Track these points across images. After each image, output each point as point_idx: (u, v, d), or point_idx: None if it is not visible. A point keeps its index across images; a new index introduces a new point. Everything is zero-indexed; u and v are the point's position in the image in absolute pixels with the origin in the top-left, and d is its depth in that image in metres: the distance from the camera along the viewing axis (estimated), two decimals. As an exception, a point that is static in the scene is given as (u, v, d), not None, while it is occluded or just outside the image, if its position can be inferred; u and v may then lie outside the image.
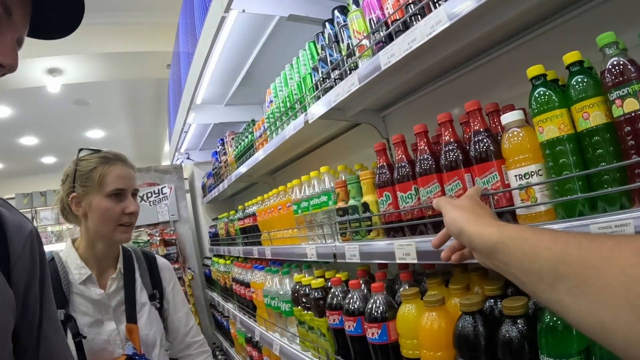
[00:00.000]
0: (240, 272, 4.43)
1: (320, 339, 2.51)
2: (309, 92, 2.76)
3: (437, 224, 1.73)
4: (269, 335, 3.38)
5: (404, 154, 1.91)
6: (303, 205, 2.76)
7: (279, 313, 3.18)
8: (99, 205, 2.27)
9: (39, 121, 12.08)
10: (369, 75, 1.98)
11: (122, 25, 8.71)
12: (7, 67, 1.04)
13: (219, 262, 5.55)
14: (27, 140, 13.56)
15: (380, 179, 2.01)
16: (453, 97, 2.37)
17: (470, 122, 1.63)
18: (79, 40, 8.28)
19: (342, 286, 2.32)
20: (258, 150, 3.74)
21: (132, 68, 9.44)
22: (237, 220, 4.51)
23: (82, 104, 11.42)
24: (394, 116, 2.81)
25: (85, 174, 2.34)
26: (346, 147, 3.50)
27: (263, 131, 3.71)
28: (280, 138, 3.09)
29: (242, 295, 4.25)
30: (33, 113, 11.46)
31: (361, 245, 2.10)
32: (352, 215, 2.22)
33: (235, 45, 4.03)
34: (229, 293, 5.06)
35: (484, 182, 1.61)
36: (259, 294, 3.54)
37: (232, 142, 4.98)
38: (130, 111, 12.59)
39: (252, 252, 3.87)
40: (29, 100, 10.53)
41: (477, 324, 1.49)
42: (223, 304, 5.31)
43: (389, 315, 1.92)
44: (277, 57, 4.04)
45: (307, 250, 2.64)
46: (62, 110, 11.45)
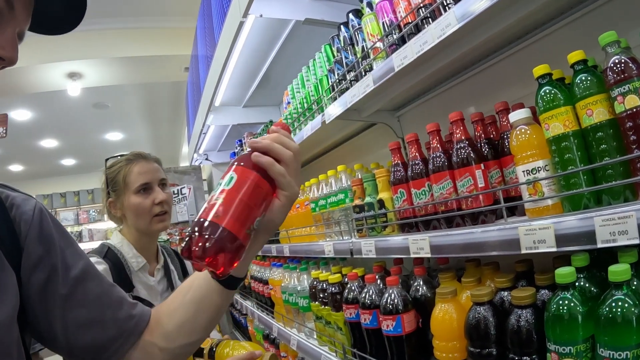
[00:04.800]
0: (258, 270, 4.50)
1: (337, 333, 2.57)
2: (325, 94, 2.82)
3: (450, 219, 1.79)
4: (286, 331, 3.43)
5: (418, 152, 1.97)
6: (320, 204, 2.82)
7: (297, 309, 3.24)
8: (130, 203, 2.44)
9: (59, 124, 12.18)
10: (383, 76, 2.04)
11: (141, 29, 8.80)
12: (6, 61, 1.04)
13: (238, 261, 5.54)
14: (47, 143, 13.63)
15: (395, 177, 2.08)
16: (465, 96, 2.44)
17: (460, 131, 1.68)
18: (98, 44, 8.44)
19: (359, 281, 2.39)
20: (276, 151, 3.75)
21: (150, 71, 9.51)
22: (256, 218, 4.52)
23: (101, 107, 11.50)
24: (408, 116, 2.87)
25: (113, 179, 2.54)
26: (362, 147, 3.56)
27: (281, 132, 3.71)
28: (298, 138, 3.15)
29: (260, 292, 4.30)
30: (53, 116, 11.56)
31: (377, 240, 2.16)
32: (368, 212, 2.28)
33: (252, 48, 4.08)
34: (247, 291, 5.11)
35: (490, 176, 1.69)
36: (277, 290, 3.60)
37: (251, 143, 4.97)
38: (148, 114, 12.63)
39: (271, 250, 3.92)
40: (50, 104, 10.64)
41: (487, 314, 1.55)
42: (241, 301, 5.36)
43: (403, 308, 1.98)
44: (293, 59, 4.09)
45: (324, 247, 2.70)
46: (82, 113, 11.52)
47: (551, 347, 1.33)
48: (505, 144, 1.78)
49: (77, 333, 1.21)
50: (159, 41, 8.91)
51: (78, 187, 15.89)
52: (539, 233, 1.31)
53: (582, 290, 1.36)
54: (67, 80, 9.40)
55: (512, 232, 1.41)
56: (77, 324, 1.21)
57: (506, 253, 1.44)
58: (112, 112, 11.90)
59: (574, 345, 1.28)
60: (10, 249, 1.15)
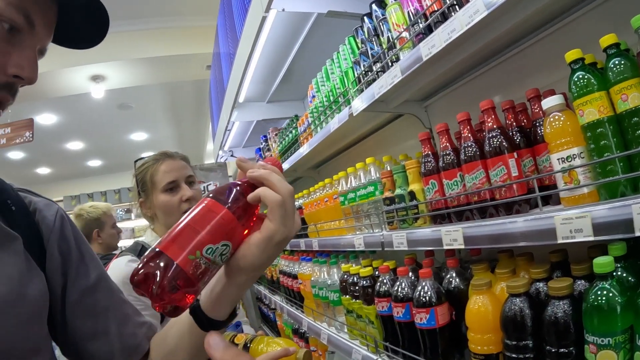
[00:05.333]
0: (287, 265, 4.49)
1: (369, 326, 2.56)
2: (352, 86, 2.80)
3: (484, 209, 1.76)
4: (316, 325, 3.43)
5: (449, 142, 1.95)
6: (350, 197, 2.80)
7: (327, 303, 3.23)
8: (158, 202, 2.48)
9: (84, 126, 12.41)
10: (411, 66, 2.01)
11: (161, 29, 8.89)
12: (26, 80, 1.05)
13: (265, 256, 5.54)
14: (73, 145, 13.92)
15: (426, 168, 2.05)
16: (491, 85, 2.40)
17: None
18: (120, 46, 8.57)
19: (390, 274, 2.37)
20: (302, 145, 3.79)
21: (173, 71, 9.60)
22: (284, 214, 4.51)
23: (125, 108, 11.70)
24: (436, 106, 2.84)
25: (142, 180, 2.61)
26: (389, 139, 3.54)
27: (307, 125, 3.75)
28: (325, 131, 3.14)
29: (290, 287, 4.31)
30: (78, 119, 11.79)
31: (408, 233, 2.13)
32: (399, 204, 2.25)
33: (275, 43, 4.07)
34: (276, 285, 5.12)
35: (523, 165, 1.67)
36: (307, 284, 3.59)
37: (276, 138, 5.03)
38: (172, 113, 12.78)
39: (299, 245, 3.92)
40: (74, 107, 10.84)
41: (524, 306, 1.53)
42: (270, 296, 5.37)
43: (436, 301, 1.96)
44: (316, 53, 4.07)
45: (354, 240, 2.68)
46: (106, 114, 11.73)
47: (589, 339, 1.31)
48: (538, 132, 1.75)
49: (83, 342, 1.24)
50: (180, 41, 8.99)
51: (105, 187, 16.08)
52: (576, 222, 1.28)
53: (619, 280, 1.33)
54: (91, 83, 9.55)
55: (548, 222, 1.38)
56: (83, 334, 1.24)
57: (542, 243, 1.41)
58: (136, 112, 12.10)
59: (613, 336, 1.26)
60: (37, 251, 1.18)
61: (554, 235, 1.36)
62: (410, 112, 2.90)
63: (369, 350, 2.56)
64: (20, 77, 1.03)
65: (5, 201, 1.17)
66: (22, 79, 1.04)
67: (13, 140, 9.01)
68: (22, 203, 1.22)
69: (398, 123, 3.31)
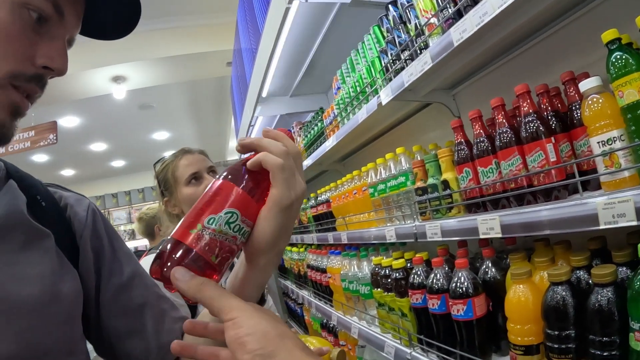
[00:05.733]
0: (315, 259, 4.46)
1: (402, 319, 2.52)
2: (379, 75, 2.76)
3: (521, 196, 1.72)
4: (346, 319, 3.40)
5: (482, 129, 1.90)
6: (380, 188, 2.76)
7: (358, 296, 3.20)
8: (183, 196, 2.50)
9: (106, 127, 12.67)
10: (442, 52, 1.97)
11: (180, 28, 8.97)
12: (56, 71, 1.02)
13: (291, 251, 5.60)
14: (96, 147, 14.23)
15: (460, 156, 2.00)
16: (521, 70, 2.35)
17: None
18: (140, 46, 8.71)
19: (423, 265, 2.33)
20: (329, 138, 3.76)
21: (193, 69, 9.70)
22: (310, 208, 4.54)
23: (146, 108, 11.90)
24: (464, 94, 2.79)
25: (163, 179, 2.64)
26: (416, 129, 3.49)
27: (333, 118, 3.71)
28: (353, 123, 3.10)
29: (318, 281, 4.28)
30: (100, 120, 12.05)
31: (443, 223, 2.09)
32: (432, 194, 2.21)
33: (297, 36, 4.04)
34: (303, 280, 5.11)
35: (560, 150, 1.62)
36: (336, 278, 3.57)
37: (300, 132, 5.01)
38: (193, 111, 12.93)
39: (327, 239, 3.89)
40: (96, 108, 11.08)
41: (566, 294, 1.49)
42: (297, 291, 5.35)
43: (473, 291, 1.93)
44: (339, 44, 4.03)
45: (385, 232, 2.65)
46: (128, 115, 11.96)
47: (635, 326, 1.26)
48: (575, 116, 1.70)
49: (118, 341, 1.22)
50: (200, 38, 9.06)
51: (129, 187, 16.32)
52: (618, 206, 1.24)
53: (665, 265, 1.29)
54: (112, 84, 9.71)
55: (589, 207, 1.33)
56: (118, 332, 1.22)
57: (583, 230, 1.37)
58: (157, 112, 12.30)
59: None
60: (70, 248, 1.16)
61: (595, 221, 1.31)
62: (439, 100, 2.85)
63: (402, 344, 2.54)
64: (50, 68, 1.00)
65: (35, 197, 1.14)
66: (52, 70, 1.01)
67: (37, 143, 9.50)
68: (52, 198, 1.19)
69: (425, 113, 3.26)
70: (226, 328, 0.77)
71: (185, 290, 0.80)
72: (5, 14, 0.91)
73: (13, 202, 1.05)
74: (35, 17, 0.95)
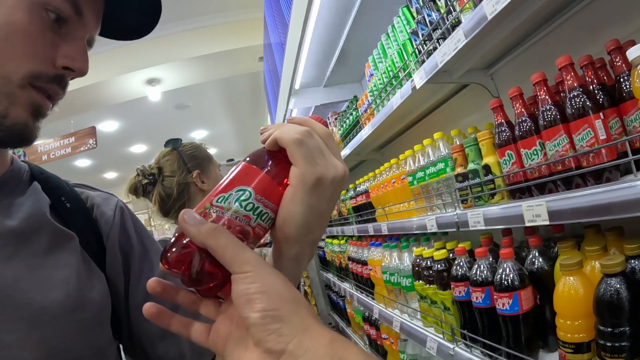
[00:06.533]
0: (355, 251, 4.38)
1: (444, 313, 2.42)
2: (412, 58, 2.64)
3: (569, 179, 1.57)
4: (388, 313, 3.33)
5: (524, 108, 1.75)
6: (419, 176, 2.65)
7: (399, 289, 3.11)
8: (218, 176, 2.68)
9: (145, 129, 13.00)
10: (475, 28, 1.84)
11: (210, 27, 9.10)
12: (77, 72, 1.01)
13: (332, 243, 5.54)
14: (136, 149, 14.74)
15: (501, 138, 1.86)
16: (560, 43, 2.20)
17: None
18: (172, 48, 8.96)
19: (466, 256, 2.21)
20: (364, 126, 3.67)
21: (225, 66, 9.81)
22: (349, 199, 4.46)
23: (183, 108, 12.17)
24: (502, 72, 2.65)
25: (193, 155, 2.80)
26: (453, 113, 3.37)
27: (368, 105, 3.62)
28: (388, 109, 2.99)
29: (359, 273, 4.20)
30: (139, 123, 12.41)
31: (485, 210, 1.96)
32: (473, 180, 2.08)
33: (325, 26, 4.00)
34: (345, 272, 5.04)
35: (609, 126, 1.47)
36: (377, 270, 3.48)
37: (336, 122, 4.93)
38: (229, 107, 13.17)
39: (367, 230, 3.79)
40: (134, 112, 11.40)
41: (621, 287, 1.35)
42: (339, 284, 5.30)
43: (519, 284, 1.80)
44: (368, 30, 3.94)
45: (426, 221, 2.53)
46: (165, 116, 12.27)
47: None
48: (623, 88, 1.54)
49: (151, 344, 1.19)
50: (230, 36, 9.17)
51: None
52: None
53: None
54: (147, 87, 9.96)
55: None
56: (151, 335, 1.19)
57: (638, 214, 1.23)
58: (194, 111, 12.60)
59: None
60: (97, 250, 1.14)
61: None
62: (476, 81, 2.71)
63: (445, 339, 2.44)
64: (71, 69, 0.99)
65: (60, 198, 1.14)
66: (73, 70, 1.00)
67: (78, 149, 10.08)
68: (79, 199, 1.19)
69: (463, 95, 3.13)
70: (235, 281, 0.68)
71: (195, 235, 0.70)
72: (24, 15, 0.91)
73: (36, 205, 1.06)
74: (54, 17, 0.95)
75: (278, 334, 0.63)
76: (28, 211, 1.03)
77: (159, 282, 0.80)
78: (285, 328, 0.63)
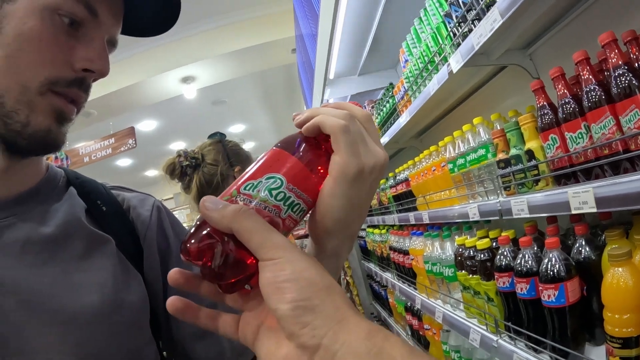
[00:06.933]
0: (397, 240, 4.33)
1: (488, 304, 2.35)
2: (446, 41, 2.56)
3: (616, 164, 1.48)
4: (430, 303, 3.28)
5: (566, 89, 1.65)
6: (459, 163, 2.59)
7: (441, 279, 3.07)
8: None
9: (182, 126, 13.26)
10: (511, 6, 1.73)
11: (241, 22, 9.13)
12: (97, 73, 0.99)
13: (373, 232, 5.49)
14: (176, 146, 14.89)
15: (543, 121, 1.77)
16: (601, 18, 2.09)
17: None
18: (204, 45, 9.10)
19: (510, 245, 2.13)
20: (402, 114, 3.60)
21: (259, 60, 9.86)
22: (389, 188, 4.41)
23: (219, 104, 12.33)
24: (541, 52, 2.54)
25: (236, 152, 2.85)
26: (492, 97, 3.27)
27: (404, 92, 3.55)
28: (425, 95, 2.92)
29: (401, 263, 4.16)
30: (176, 120, 12.67)
31: (529, 197, 1.88)
32: (516, 166, 2.00)
33: (356, 14, 3.96)
34: (386, 262, 4.99)
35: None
36: (419, 260, 3.43)
37: (373, 111, 4.87)
38: (265, 101, 13.28)
39: (408, 219, 3.74)
40: (171, 110, 11.62)
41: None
42: (381, 273, 5.27)
43: (566, 275, 1.72)
44: (400, 16, 3.88)
45: (468, 209, 2.46)
46: (202, 112, 12.45)
47: None
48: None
49: (190, 343, 1.18)
50: (261, 29, 9.18)
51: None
52: None
53: None
54: (182, 85, 10.12)
55: None
56: (190, 334, 1.17)
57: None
58: (230, 106, 12.74)
59: None
60: (134, 252, 1.14)
61: None
62: (514, 62, 2.61)
63: (488, 330, 2.37)
64: (91, 71, 0.98)
65: (95, 202, 1.15)
66: (93, 72, 0.98)
67: (118, 149, 10.50)
68: (115, 202, 1.19)
69: (501, 77, 3.03)
70: (263, 268, 0.62)
71: (219, 220, 0.64)
72: (36, 23, 0.90)
73: (71, 211, 1.07)
74: (68, 21, 0.94)
75: (312, 327, 0.58)
76: (63, 217, 1.04)
77: (181, 272, 0.74)
78: (318, 320, 0.58)
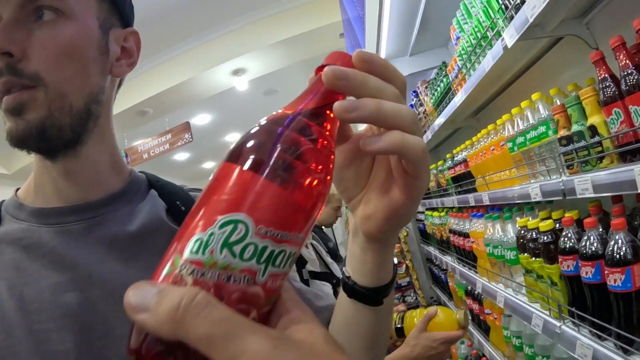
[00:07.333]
0: (457, 223, 4.25)
1: (551, 288, 2.25)
2: (498, 15, 2.46)
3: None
4: (491, 287, 3.19)
5: (629, 59, 1.55)
6: (519, 141, 2.50)
7: (503, 262, 2.97)
8: None
9: (237, 118, 13.54)
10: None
11: (287, 11, 9.19)
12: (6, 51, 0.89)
13: (432, 215, 5.39)
14: (231, 137, 15.50)
15: (606, 95, 1.66)
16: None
17: None
18: (252, 37, 9.30)
19: (574, 227, 2.02)
20: (457, 93, 3.51)
21: (308, 47, 9.87)
22: (447, 169, 4.34)
23: (271, 93, 12.53)
24: (599, 20, 2.42)
25: None
26: (549, 71, 3.14)
27: (458, 70, 3.46)
28: (480, 73, 2.82)
29: (461, 246, 4.07)
30: (230, 113, 13.03)
31: (593, 176, 1.77)
32: (579, 143, 1.90)
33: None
34: (446, 245, 4.89)
35: None
36: (480, 243, 3.34)
37: (427, 91, 4.78)
38: None
39: (468, 200, 3.66)
40: (224, 103, 11.98)
41: None
42: (440, 257, 5.18)
43: (633, 257, 1.61)
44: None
45: (529, 190, 2.37)
46: (255, 103, 12.61)
47: None
48: None
49: None
50: (307, 16, 9.23)
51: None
52: None
53: None
54: (234, 78, 10.32)
55: None
56: None
57: None
58: (282, 95, 12.79)
59: None
60: None
61: None
62: (571, 32, 2.49)
63: (551, 316, 2.28)
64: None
65: (175, 202, 1.21)
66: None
67: (175, 144, 11.03)
68: (192, 202, 1.20)
69: (557, 49, 2.91)
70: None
71: (156, 327, 0.41)
72: None
73: (153, 210, 1.13)
74: None
75: None
76: (147, 216, 1.11)
77: None
78: None
